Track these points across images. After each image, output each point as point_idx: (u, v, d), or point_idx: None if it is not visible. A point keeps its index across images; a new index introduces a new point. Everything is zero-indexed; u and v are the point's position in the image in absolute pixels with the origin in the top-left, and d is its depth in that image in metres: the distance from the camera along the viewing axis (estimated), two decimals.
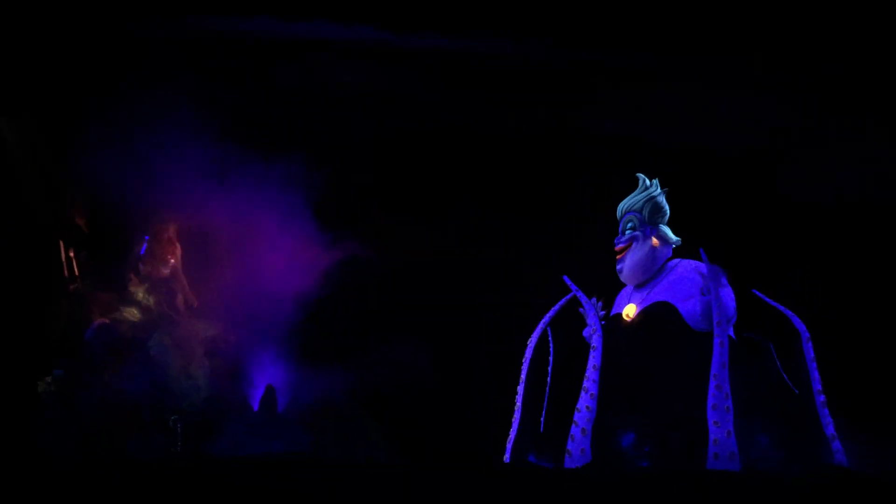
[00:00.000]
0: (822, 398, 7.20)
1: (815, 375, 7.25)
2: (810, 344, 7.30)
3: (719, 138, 9.71)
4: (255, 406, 9.31)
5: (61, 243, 9.45)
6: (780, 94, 9.62)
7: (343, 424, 9.09)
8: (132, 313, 9.45)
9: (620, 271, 7.75)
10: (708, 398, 6.89)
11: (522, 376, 7.73)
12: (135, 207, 9.32)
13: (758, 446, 6.89)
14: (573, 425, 7.04)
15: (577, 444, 6.99)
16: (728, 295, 7.23)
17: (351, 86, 10.30)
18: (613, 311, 7.82)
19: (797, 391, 7.24)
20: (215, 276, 9.61)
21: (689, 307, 7.31)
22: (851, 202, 9.33)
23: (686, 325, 7.30)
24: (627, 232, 7.73)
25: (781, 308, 7.42)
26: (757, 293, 7.51)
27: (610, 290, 7.99)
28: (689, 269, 7.54)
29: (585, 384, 7.12)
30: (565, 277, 7.63)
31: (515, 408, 7.71)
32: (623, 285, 7.91)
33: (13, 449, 8.20)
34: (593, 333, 7.33)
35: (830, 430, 7.14)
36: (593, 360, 7.18)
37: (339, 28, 9.91)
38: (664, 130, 9.91)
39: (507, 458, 7.63)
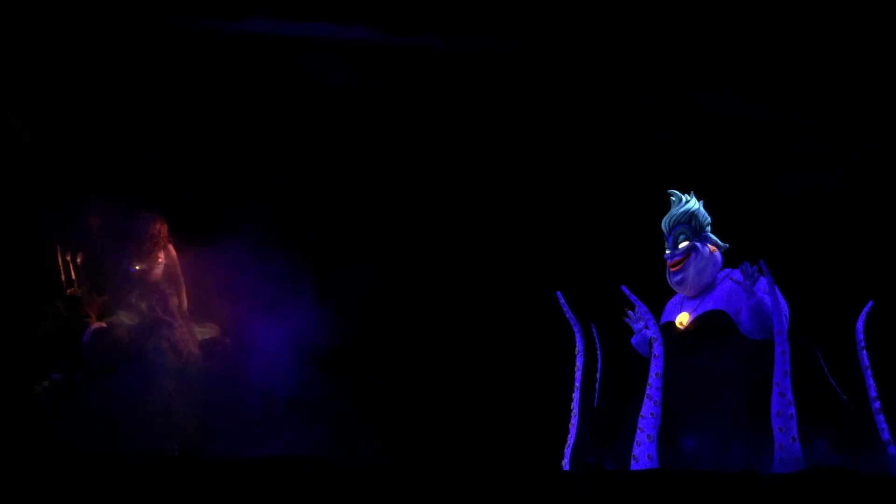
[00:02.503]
0: (878, 405, 7.42)
1: (871, 382, 7.48)
2: (865, 352, 7.53)
3: (716, 137, 9.73)
4: (253, 408, 9.27)
5: (58, 247, 9.42)
6: (777, 93, 9.66)
7: (342, 427, 9.06)
8: (129, 317, 9.37)
9: (681, 282, 7.91)
10: (772, 405, 7.12)
11: (576, 383, 7.86)
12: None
13: (817, 450, 7.11)
14: (638, 431, 7.25)
15: (644, 449, 7.21)
16: (784, 305, 7.45)
17: (348, 87, 10.34)
18: (663, 320, 7.96)
19: (845, 396, 7.43)
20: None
21: (742, 316, 7.52)
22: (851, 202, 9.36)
23: (740, 334, 7.52)
24: (682, 244, 7.91)
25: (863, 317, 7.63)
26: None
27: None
28: (740, 279, 7.68)
29: (649, 391, 7.32)
30: (623, 287, 7.75)
31: (572, 414, 7.85)
32: (671, 295, 8.10)
33: (10, 453, 8.16)
34: (654, 342, 7.48)
35: (886, 435, 7.35)
36: (656, 368, 7.36)
37: (335, 28, 9.95)
38: (663, 130, 9.92)
39: (566, 464, 7.78)
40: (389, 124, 10.43)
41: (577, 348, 7.95)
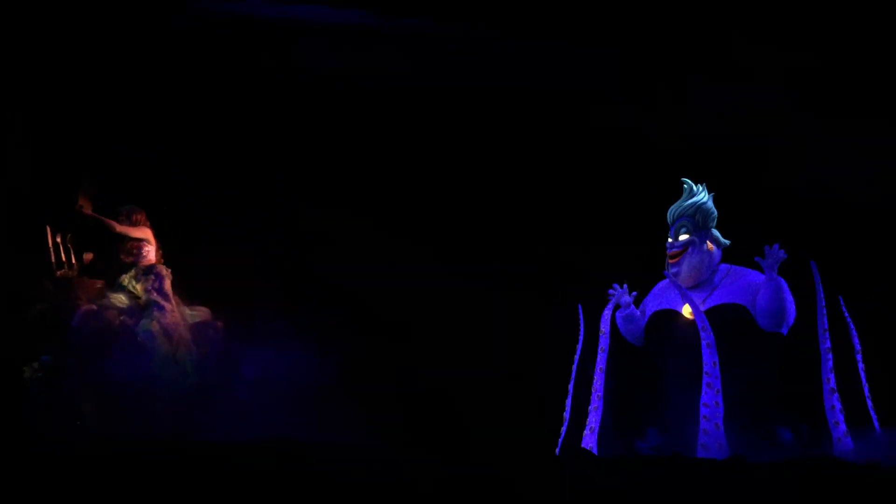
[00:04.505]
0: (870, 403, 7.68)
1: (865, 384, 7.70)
2: (860, 355, 7.77)
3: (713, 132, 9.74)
4: (244, 392, 9.21)
5: (48, 228, 9.35)
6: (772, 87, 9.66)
7: (332, 409, 8.99)
8: (119, 299, 9.26)
9: (677, 274, 7.95)
10: (824, 401, 7.39)
11: (598, 375, 7.88)
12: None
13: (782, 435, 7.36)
14: (703, 420, 7.34)
15: (713, 438, 7.30)
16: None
17: (348, 88, 10.34)
18: (654, 307, 7.99)
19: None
20: None
21: (759, 298, 7.66)
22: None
23: (756, 328, 7.70)
24: (682, 237, 7.98)
25: (850, 323, 7.82)
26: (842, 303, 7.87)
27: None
28: (749, 276, 7.89)
29: (708, 380, 7.43)
30: (667, 273, 7.89)
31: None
32: (656, 282, 8.21)
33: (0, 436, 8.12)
34: (702, 331, 7.52)
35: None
36: (713, 357, 7.45)
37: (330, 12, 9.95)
38: (661, 128, 9.92)
39: (586, 442, 7.79)
40: (388, 125, 10.42)
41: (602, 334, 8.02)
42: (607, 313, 7.99)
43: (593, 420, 7.74)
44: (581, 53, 10.06)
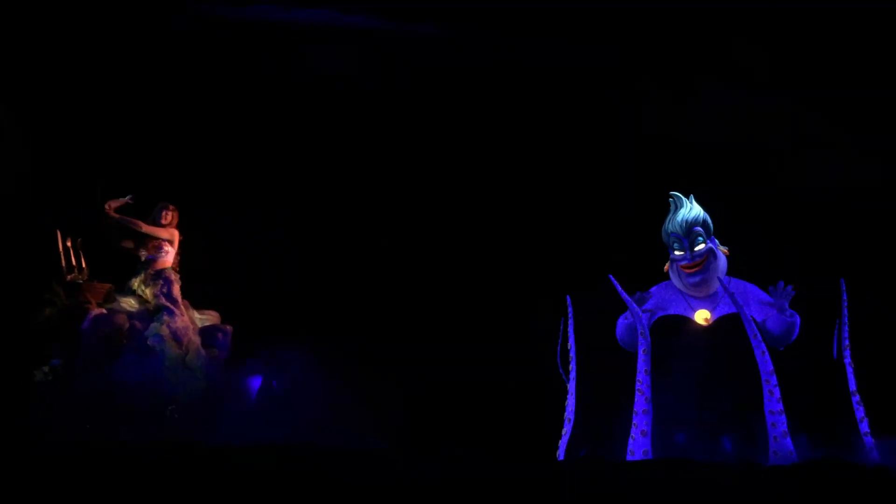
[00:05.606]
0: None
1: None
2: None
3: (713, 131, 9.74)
4: (253, 396, 9.20)
5: (58, 233, 9.33)
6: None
7: (332, 409, 8.97)
8: (129, 303, 9.28)
9: (702, 283, 7.90)
10: (855, 413, 7.53)
11: (644, 378, 7.72)
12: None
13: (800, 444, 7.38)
14: (771, 427, 7.33)
15: (783, 444, 7.30)
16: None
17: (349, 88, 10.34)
18: (659, 314, 7.94)
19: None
20: None
21: (771, 326, 7.71)
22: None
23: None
24: (700, 247, 7.92)
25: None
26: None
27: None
28: (750, 289, 7.91)
29: (769, 388, 7.43)
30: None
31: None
32: (652, 284, 8.18)
33: (9, 438, 8.09)
34: (754, 339, 7.53)
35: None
36: (769, 365, 7.46)
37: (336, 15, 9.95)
38: (664, 125, 9.92)
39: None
40: (389, 125, 10.42)
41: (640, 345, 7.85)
42: (644, 316, 7.88)
43: (644, 423, 7.56)
44: (581, 53, 10.05)
